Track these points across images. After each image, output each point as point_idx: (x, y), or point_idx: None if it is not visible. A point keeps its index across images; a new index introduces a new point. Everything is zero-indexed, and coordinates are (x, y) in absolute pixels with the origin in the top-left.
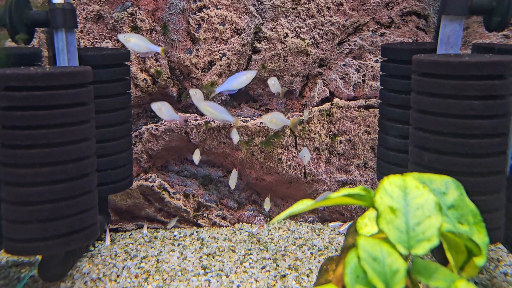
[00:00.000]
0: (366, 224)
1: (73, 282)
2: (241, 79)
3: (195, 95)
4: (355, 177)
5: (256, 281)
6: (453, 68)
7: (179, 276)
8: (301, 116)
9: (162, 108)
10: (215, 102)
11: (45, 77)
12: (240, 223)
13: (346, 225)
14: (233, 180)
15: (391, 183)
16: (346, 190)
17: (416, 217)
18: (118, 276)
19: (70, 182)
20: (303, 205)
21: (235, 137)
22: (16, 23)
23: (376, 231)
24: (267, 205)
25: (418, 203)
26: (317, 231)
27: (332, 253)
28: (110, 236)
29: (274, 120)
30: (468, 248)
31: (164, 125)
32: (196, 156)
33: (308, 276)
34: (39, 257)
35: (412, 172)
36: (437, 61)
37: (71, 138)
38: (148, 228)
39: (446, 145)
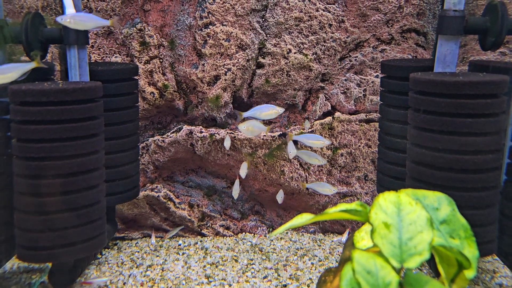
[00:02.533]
0: (363, 237)
1: None
2: (269, 112)
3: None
4: (355, 189)
5: None
6: (448, 87)
7: (183, 284)
8: (303, 129)
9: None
10: (219, 114)
11: (58, 92)
12: (243, 233)
13: (345, 234)
14: (236, 190)
15: (386, 200)
16: (343, 206)
17: (408, 232)
18: (124, 283)
19: (80, 193)
20: (302, 219)
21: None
22: (31, 40)
23: (372, 244)
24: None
25: (411, 219)
26: (318, 241)
27: (332, 263)
28: (117, 244)
29: (250, 128)
30: (458, 261)
31: (170, 137)
32: (243, 170)
33: (308, 286)
34: (49, 264)
35: (407, 189)
36: (432, 80)
37: (81, 151)
38: (155, 237)
39: (441, 161)
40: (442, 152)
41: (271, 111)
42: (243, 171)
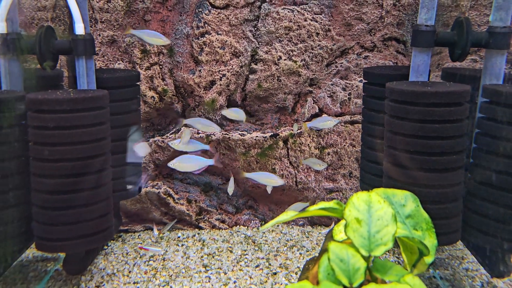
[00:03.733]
0: (341, 231)
1: (92, 276)
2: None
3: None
4: (341, 185)
5: (251, 277)
6: (417, 96)
7: (183, 273)
8: (292, 130)
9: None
10: (215, 116)
11: (70, 101)
12: (238, 226)
13: (328, 228)
14: (231, 187)
15: (359, 199)
16: (322, 204)
17: (376, 226)
18: (129, 272)
19: (90, 191)
20: (287, 215)
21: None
22: (44, 51)
23: (347, 237)
24: (230, 188)
25: (379, 215)
26: (306, 233)
27: (318, 254)
28: (121, 236)
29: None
30: (420, 249)
31: (169, 137)
32: (230, 187)
33: (296, 273)
34: (61, 254)
35: (378, 189)
36: (404, 90)
37: (91, 153)
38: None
39: (412, 162)
40: (413, 153)
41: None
42: (231, 188)
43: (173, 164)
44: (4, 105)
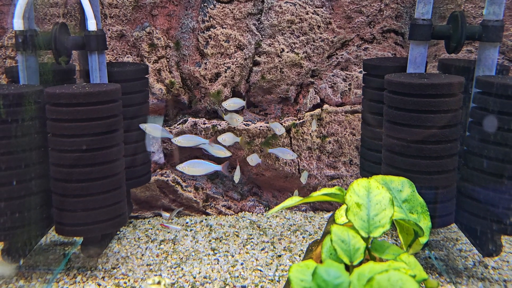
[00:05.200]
0: (342, 215)
1: (108, 258)
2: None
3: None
4: (342, 172)
5: (257, 260)
6: (414, 88)
7: (192, 255)
8: (296, 120)
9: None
10: (220, 107)
11: (86, 95)
12: (243, 212)
13: (329, 214)
14: (237, 176)
15: (359, 185)
16: (325, 190)
17: (375, 210)
18: (142, 255)
19: (105, 179)
20: (292, 201)
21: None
22: (59, 47)
23: (348, 220)
24: (237, 176)
25: (377, 200)
26: (309, 218)
27: (320, 237)
28: (132, 222)
29: (226, 139)
30: (415, 231)
31: (177, 128)
32: (237, 176)
33: (299, 256)
34: (76, 238)
35: (377, 175)
36: (402, 82)
37: (105, 144)
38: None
39: (409, 150)
40: (410, 142)
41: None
42: (237, 176)
43: (181, 167)
44: (24, 99)
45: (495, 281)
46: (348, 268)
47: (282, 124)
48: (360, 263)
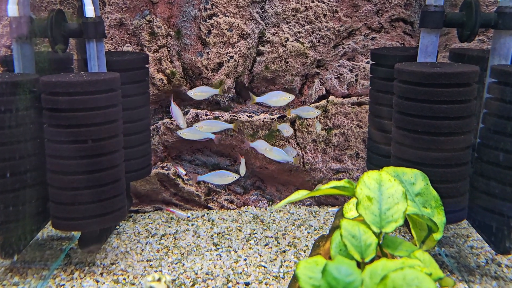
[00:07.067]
0: (351, 209)
1: (106, 254)
2: (278, 99)
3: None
4: (348, 166)
5: (260, 255)
6: (426, 77)
7: (194, 251)
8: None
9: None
10: (223, 98)
11: (83, 84)
12: (246, 206)
13: (335, 208)
14: (242, 169)
15: (370, 177)
16: (333, 183)
17: (387, 203)
18: (142, 250)
19: (104, 172)
20: (299, 194)
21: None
22: (55, 35)
23: (358, 214)
24: (242, 170)
25: (390, 193)
26: (313, 213)
27: (326, 232)
28: (132, 216)
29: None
30: (429, 226)
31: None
32: (242, 169)
33: (304, 251)
34: (74, 233)
35: (388, 167)
36: (413, 71)
37: (104, 135)
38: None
39: (420, 142)
40: (421, 134)
41: (280, 98)
42: (242, 169)
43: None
44: (19, 87)
45: (509, 280)
46: (359, 265)
47: (286, 116)
48: (372, 260)
